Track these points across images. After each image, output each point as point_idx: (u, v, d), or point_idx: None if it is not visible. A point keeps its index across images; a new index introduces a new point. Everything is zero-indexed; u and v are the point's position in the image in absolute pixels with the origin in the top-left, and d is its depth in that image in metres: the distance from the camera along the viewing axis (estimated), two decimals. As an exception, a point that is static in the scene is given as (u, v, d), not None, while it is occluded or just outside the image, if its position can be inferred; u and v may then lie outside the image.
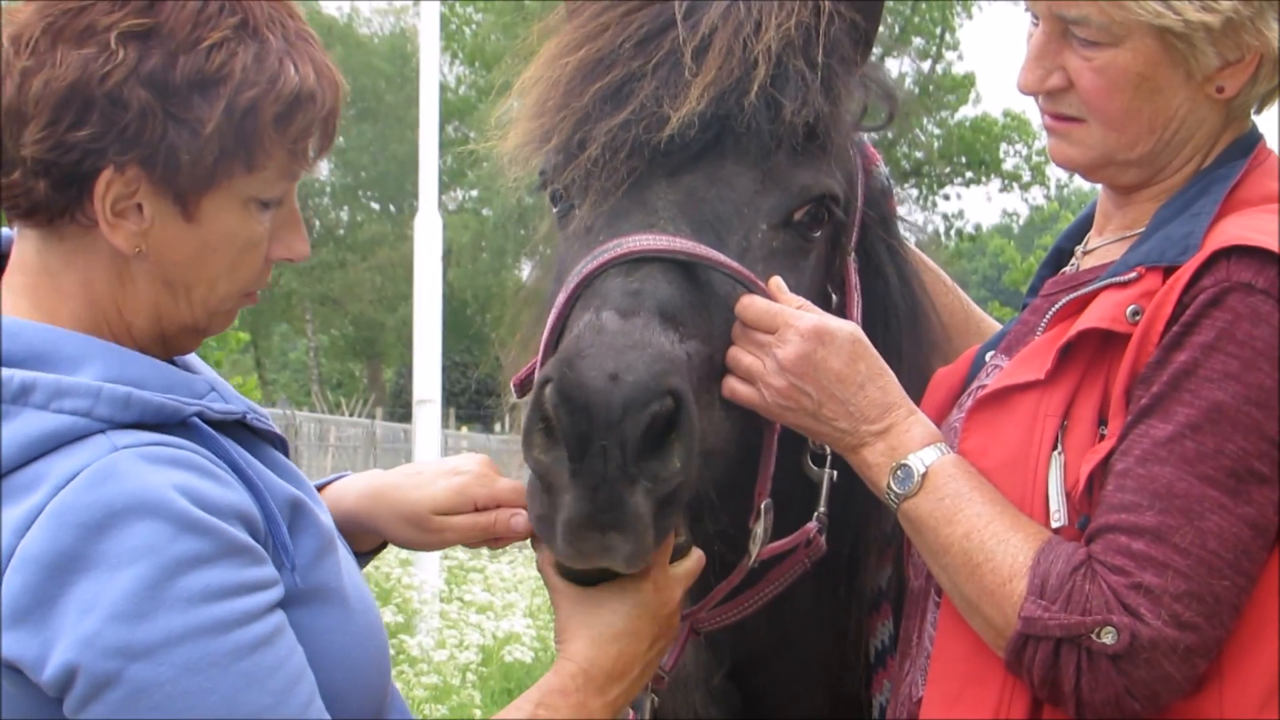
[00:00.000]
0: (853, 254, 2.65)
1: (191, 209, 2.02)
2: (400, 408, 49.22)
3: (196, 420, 2.01)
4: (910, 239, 3.01)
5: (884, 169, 2.84)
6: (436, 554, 12.56)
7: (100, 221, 1.99)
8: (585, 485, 2.00)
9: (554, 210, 2.58)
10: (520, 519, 2.30)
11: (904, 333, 2.57)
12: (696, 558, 2.32)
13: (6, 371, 1.92)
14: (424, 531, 2.40)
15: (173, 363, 2.17)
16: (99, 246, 2.03)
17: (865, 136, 2.87)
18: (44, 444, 1.88)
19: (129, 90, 1.94)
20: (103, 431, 1.90)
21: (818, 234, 2.50)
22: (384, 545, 2.57)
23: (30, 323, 2.00)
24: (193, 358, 2.28)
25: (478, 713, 9.10)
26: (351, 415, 39.57)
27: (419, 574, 12.29)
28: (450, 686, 9.48)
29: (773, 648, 2.80)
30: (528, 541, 2.32)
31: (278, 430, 2.22)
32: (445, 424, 29.66)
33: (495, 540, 2.40)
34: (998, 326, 3.10)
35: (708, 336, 2.26)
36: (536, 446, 2.06)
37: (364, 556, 2.56)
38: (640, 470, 2.00)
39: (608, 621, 2.22)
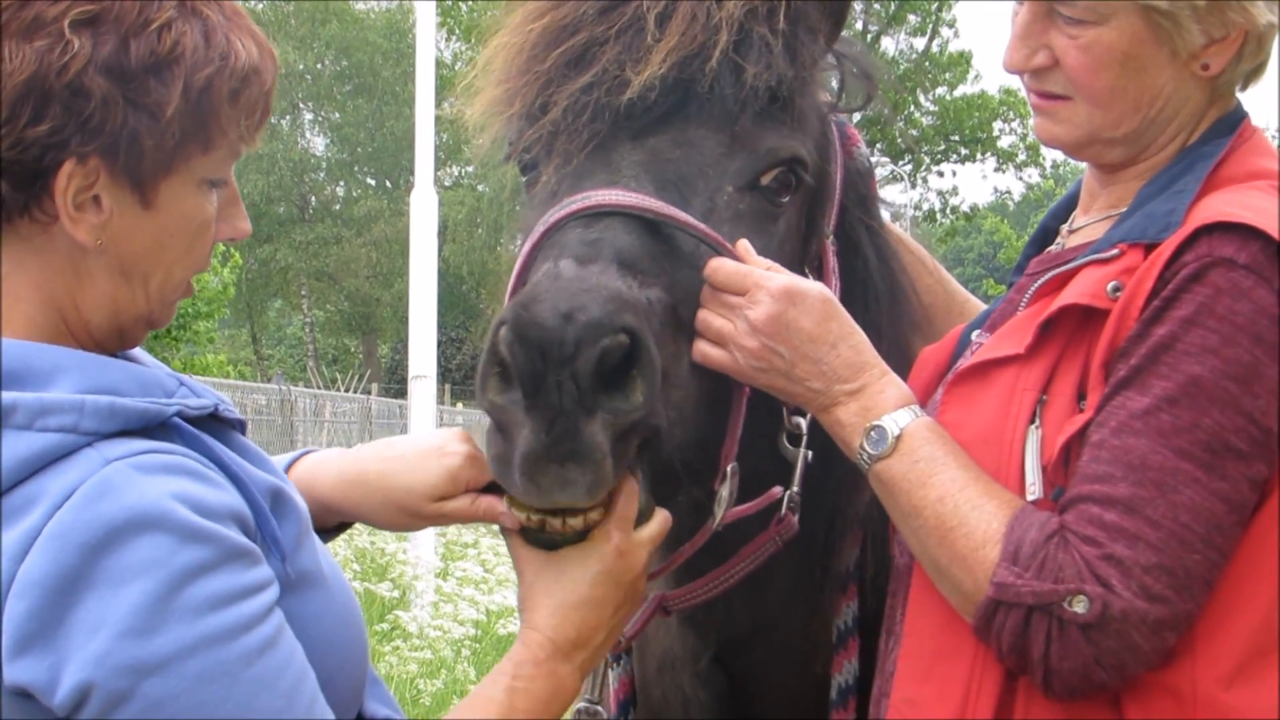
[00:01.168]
0: (830, 236, 2.66)
1: (150, 196, 2.00)
2: (396, 383, 49.23)
3: (177, 420, 1.99)
4: (890, 219, 3.02)
5: (864, 150, 2.85)
6: (431, 530, 12.56)
7: (62, 216, 1.95)
8: (540, 419, 2.00)
9: (523, 180, 2.60)
10: (509, 516, 2.27)
11: (884, 312, 2.58)
12: (661, 520, 2.31)
13: None
14: (416, 518, 2.38)
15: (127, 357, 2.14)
16: (55, 245, 1.99)
17: (854, 116, 2.88)
18: (33, 464, 1.84)
19: (89, 79, 1.91)
20: (90, 444, 1.87)
21: (786, 199, 2.50)
22: (347, 526, 2.54)
23: None
24: (141, 352, 2.24)
25: (472, 688, 9.09)
26: (347, 391, 39.49)
27: (414, 550, 12.29)
28: (444, 660, 9.50)
29: (756, 630, 2.82)
30: None
31: (240, 416, 2.20)
32: (440, 399, 29.63)
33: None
34: (981, 307, 3.10)
35: (670, 288, 2.26)
36: (491, 390, 2.06)
37: (326, 534, 2.52)
38: (599, 404, 2.01)
39: (570, 589, 2.21)
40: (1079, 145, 2.41)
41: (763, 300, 2.27)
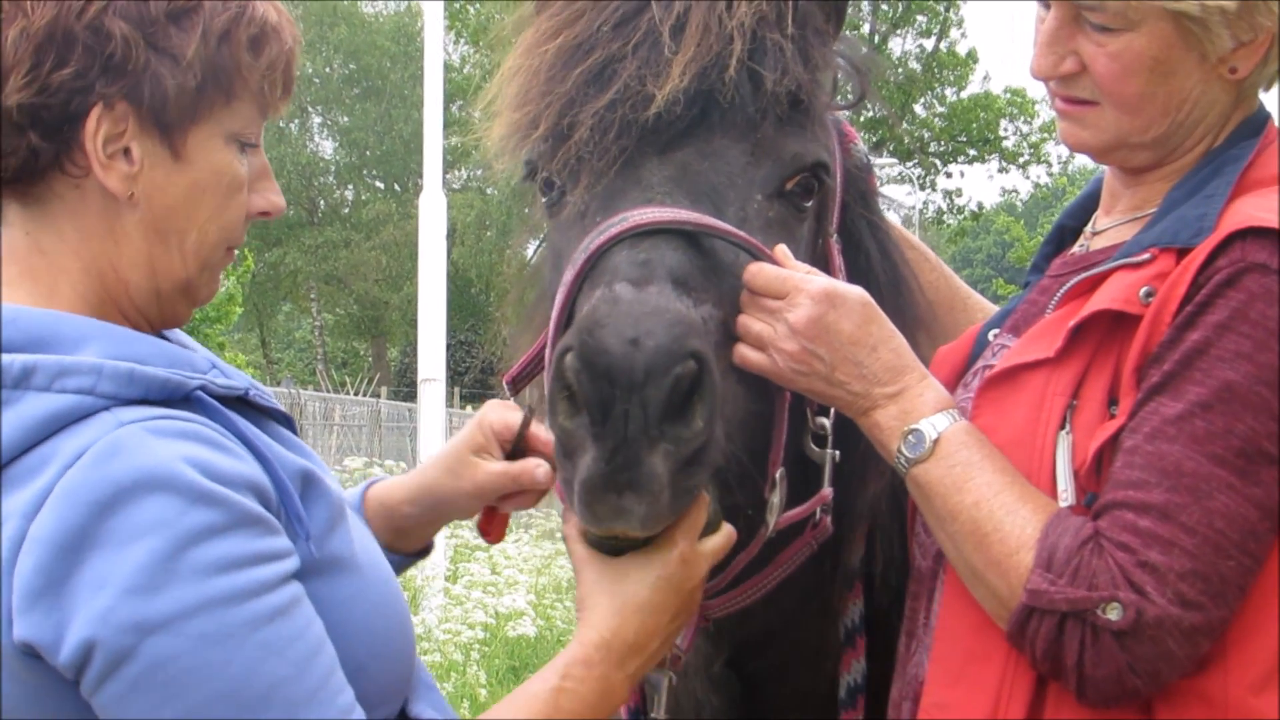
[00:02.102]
0: (835, 236, 2.65)
1: (178, 145, 2.04)
2: (405, 386, 49.23)
3: (201, 394, 2.00)
4: (900, 222, 3.01)
5: (862, 147, 2.85)
6: (441, 533, 12.53)
7: (93, 164, 1.99)
8: (605, 447, 1.99)
9: (543, 200, 2.58)
10: (544, 470, 2.36)
11: (887, 305, 2.57)
12: (726, 534, 2.30)
13: (6, 357, 1.90)
14: (462, 472, 2.49)
15: (166, 339, 2.16)
16: (89, 204, 2.03)
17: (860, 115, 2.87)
18: (49, 425, 1.86)
19: (109, 21, 1.96)
20: (107, 409, 1.88)
21: (809, 204, 2.51)
22: (428, 550, 2.68)
23: (26, 308, 1.98)
24: (186, 337, 2.27)
25: (483, 691, 9.10)
26: (356, 394, 39.59)
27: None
28: (454, 664, 9.49)
29: (771, 632, 2.80)
30: (531, 520, 2.31)
31: (281, 407, 2.22)
32: (450, 403, 29.69)
33: (521, 496, 2.50)
34: (988, 305, 3.10)
35: (719, 302, 2.26)
36: (561, 413, 2.06)
37: (409, 558, 2.64)
38: (662, 433, 2.00)
39: (632, 592, 2.19)
40: (1106, 150, 2.40)
41: (802, 303, 2.26)
